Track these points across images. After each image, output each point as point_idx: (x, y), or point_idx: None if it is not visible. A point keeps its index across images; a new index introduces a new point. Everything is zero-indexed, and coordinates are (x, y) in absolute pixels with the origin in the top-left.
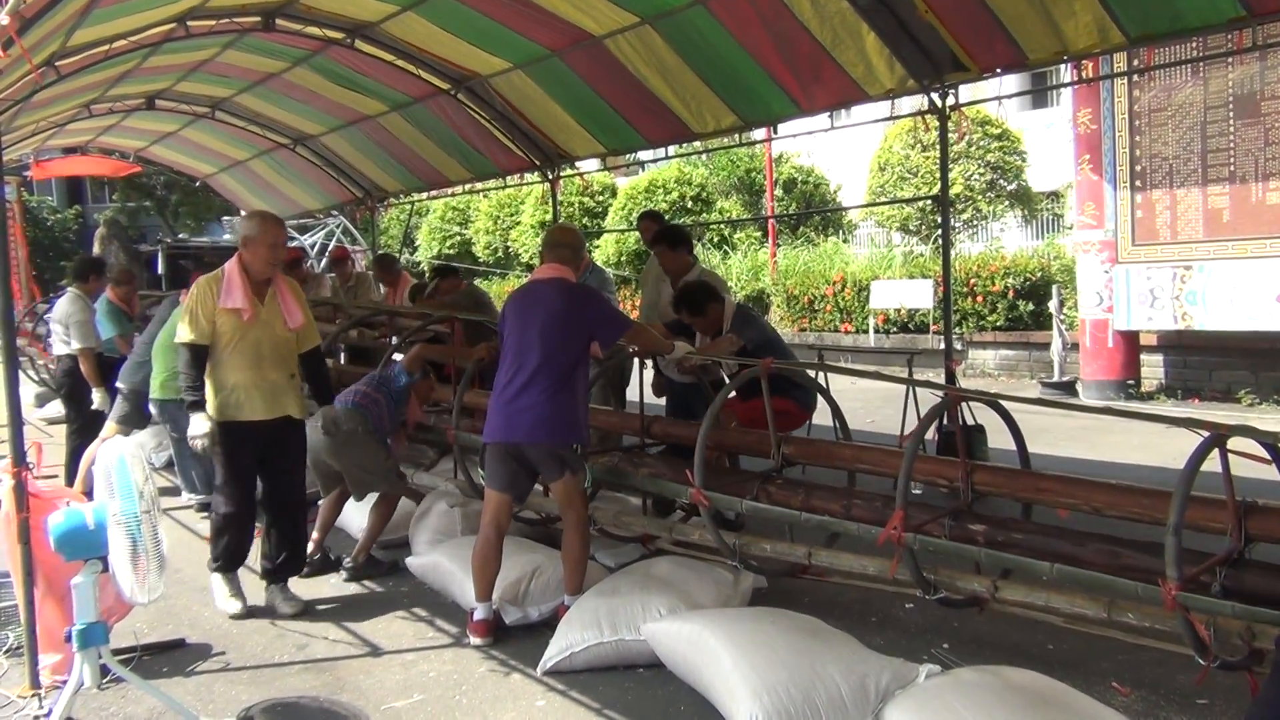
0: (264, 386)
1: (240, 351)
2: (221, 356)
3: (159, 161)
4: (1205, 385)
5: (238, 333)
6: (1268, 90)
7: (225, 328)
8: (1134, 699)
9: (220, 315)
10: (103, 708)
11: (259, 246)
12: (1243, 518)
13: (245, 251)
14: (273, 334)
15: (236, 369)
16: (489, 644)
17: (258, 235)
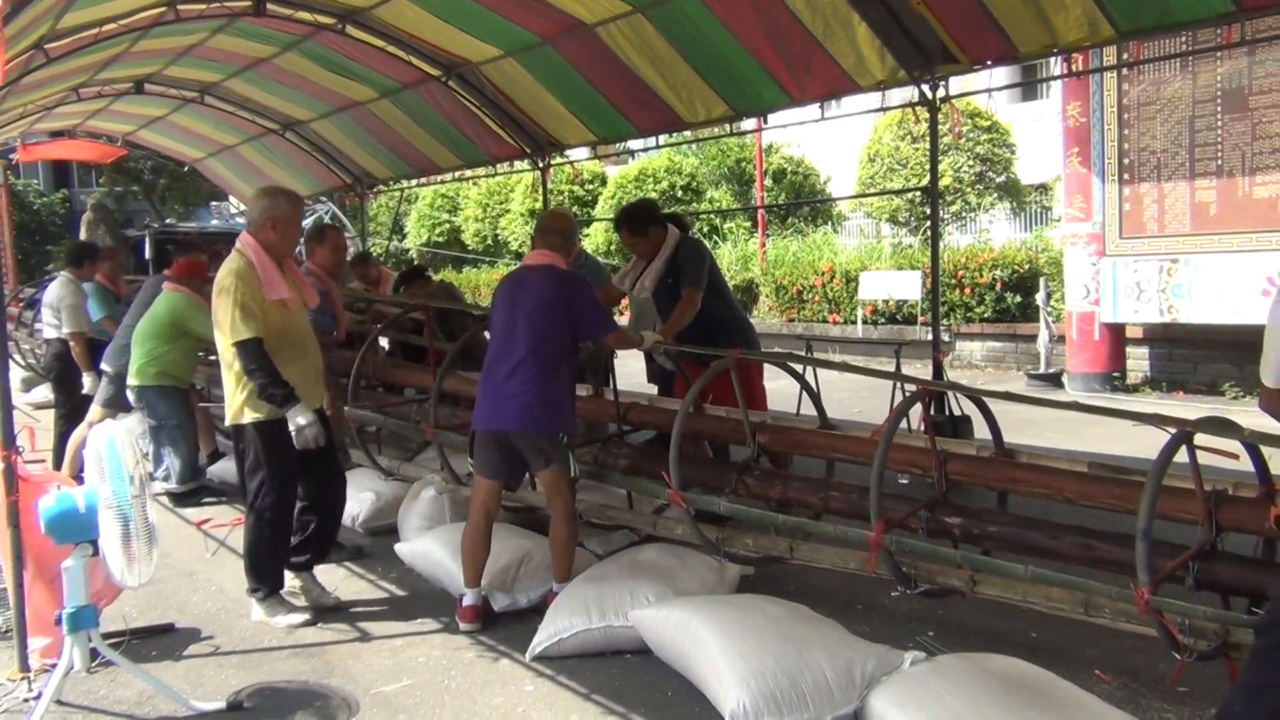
0: (310, 376)
1: (289, 342)
2: (272, 349)
3: (147, 146)
4: (1190, 378)
5: (283, 322)
6: (1255, 85)
7: (273, 320)
8: (1116, 686)
9: (265, 307)
10: (92, 691)
11: (290, 227)
12: (1213, 510)
13: (274, 233)
14: (303, 318)
15: (288, 362)
16: (478, 630)
17: (290, 216)
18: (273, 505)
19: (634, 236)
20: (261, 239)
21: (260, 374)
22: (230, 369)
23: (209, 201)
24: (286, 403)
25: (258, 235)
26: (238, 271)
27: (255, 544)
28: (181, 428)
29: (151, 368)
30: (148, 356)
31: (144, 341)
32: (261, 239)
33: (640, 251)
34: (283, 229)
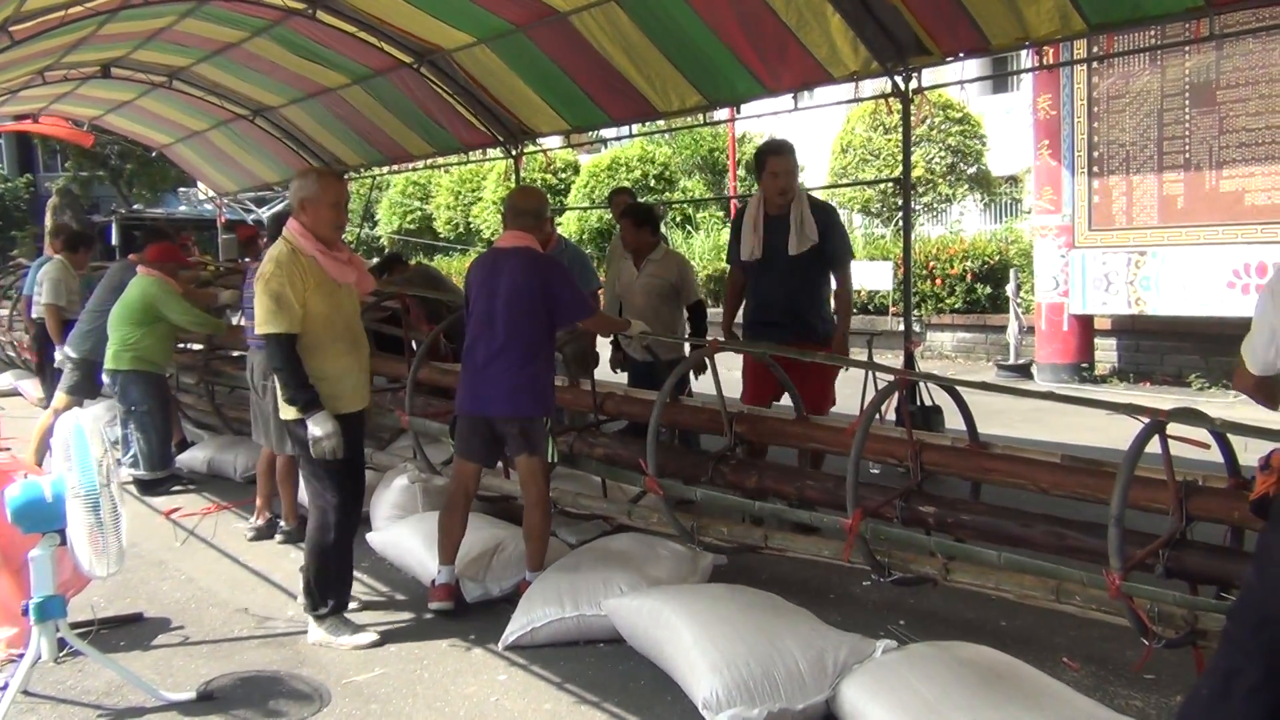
0: (359, 371)
1: (337, 334)
2: (318, 342)
3: (114, 131)
4: (1157, 369)
5: (330, 309)
6: (1223, 80)
7: (319, 309)
8: (1084, 674)
9: (311, 296)
10: (60, 681)
11: (322, 207)
12: (1184, 500)
13: (306, 215)
14: (354, 308)
15: (337, 355)
16: (449, 609)
17: (319, 195)
18: (336, 509)
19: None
20: (301, 222)
21: (285, 373)
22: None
23: (177, 188)
24: (309, 408)
25: (298, 218)
26: (277, 259)
27: (319, 553)
28: (152, 414)
29: (127, 353)
30: (122, 343)
31: (118, 327)
32: (301, 222)
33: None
34: (313, 210)
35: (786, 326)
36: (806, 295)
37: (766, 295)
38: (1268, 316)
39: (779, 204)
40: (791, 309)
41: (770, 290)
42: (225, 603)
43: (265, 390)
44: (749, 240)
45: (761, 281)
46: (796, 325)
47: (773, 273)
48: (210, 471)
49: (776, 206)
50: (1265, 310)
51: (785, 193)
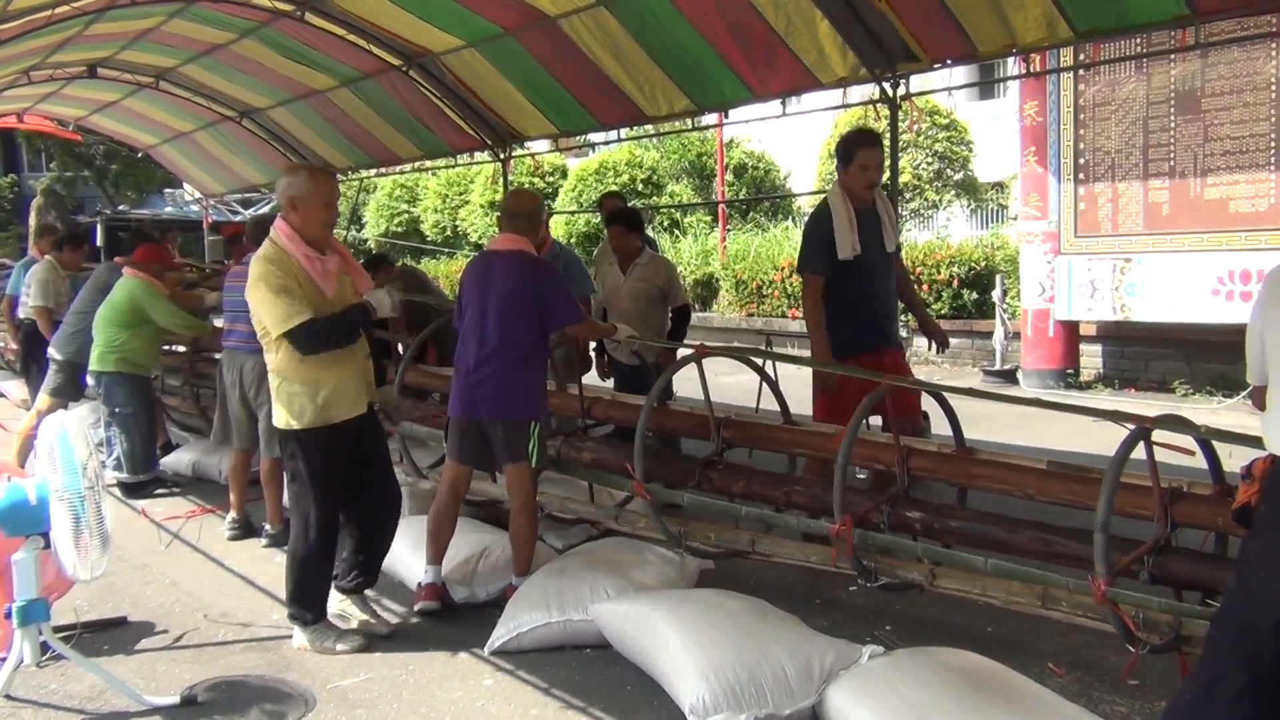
0: (357, 375)
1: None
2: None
3: (100, 131)
4: (1142, 375)
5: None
6: (1208, 88)
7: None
8: (1069, 679)
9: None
10: (42, 685)
11: (313, 207)
12: (1168, 506)
13: (296, 215)
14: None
15: (328, 363)
16: (436, 609)
17: (310, 194)
18: (317, 521)
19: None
20: (289, 221)
21: (332, 339)
22: (273, 369)
23: (163, 189)
24: (366, 319)
25: (286, 218)
26: (267, 256)
27: (300, 562)
28: (136, 416)
29: (113, 355)
30: (108, 344)
31: (104, 329)
32: (289, 221)
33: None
34: (304, 209)
35: (883, 330)
36: (892, 295)
37: (862, 297)
38: (1255, 328)
39: (866, 198)
40: (886, 310)
41: (867, 291)
42: (209, 606)
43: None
44: (846, 237)
45: (858, 283)
46: (889, 328)
47: (867, 272)
48: (195, 474)
49: (863, 201)
50: (1254, 321)
51: (874, 186)
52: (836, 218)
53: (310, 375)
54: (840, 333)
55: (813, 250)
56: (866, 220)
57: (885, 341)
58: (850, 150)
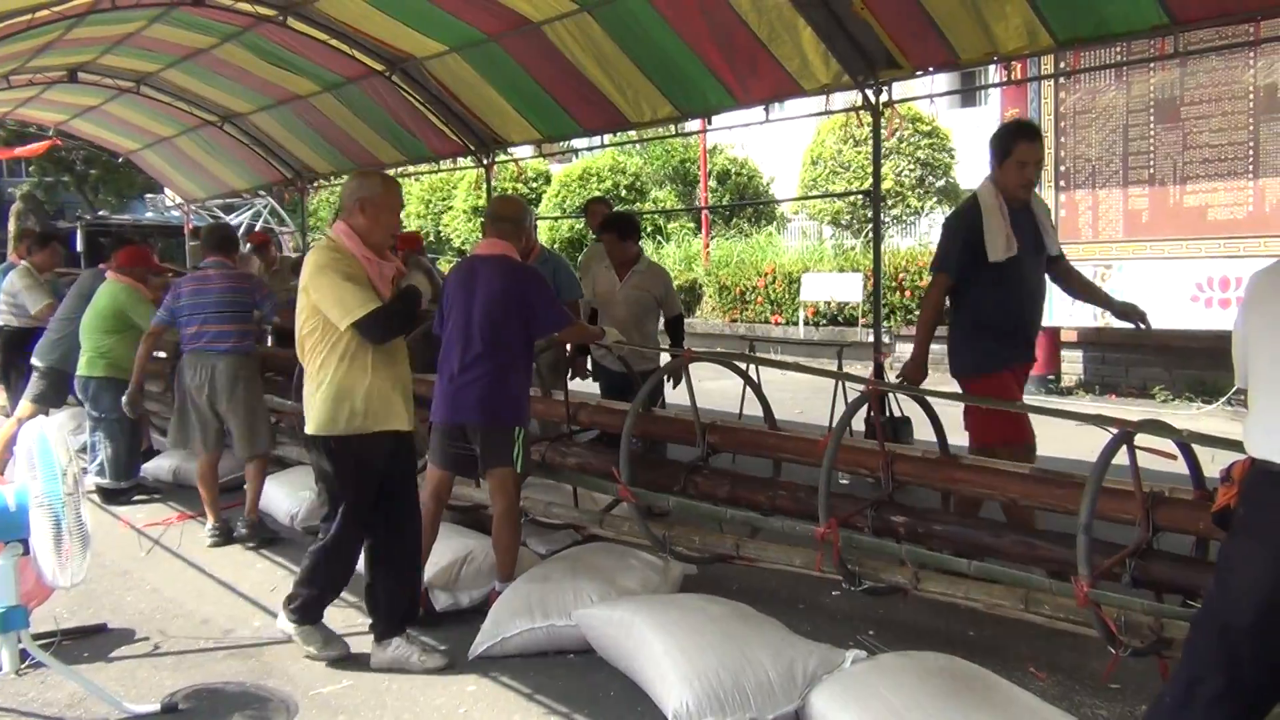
0: (399, 386)
1: (379, 346)
2: (352, 352)
3: (81, 136)
4: (1122, 381)
5: None
6: (1187, 96)
7: None
8: (1050, 683)
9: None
10: (21, 693)
11: (383, 211)
12: (1150, 510)
13: (363, 216)
14: None
15: (377, 368)
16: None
17: (382, 199)
18: (341, 527)
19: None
20: (353, 224)
21: (399, 325)
22: (313, 372)
23: (143, 194)
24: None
25: (348, 220)
26: (329, 248)
27: (316, 560)
28: (122, 422)
29: (101, 360)
30: (95, 350)
31: (89, 335)
32: (353, 224)
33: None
34: (374, 212)
35: (1029, 341)
36: (1041, 303)
37: (1013, 304)
38: (1238, 332)
39: (1023, 197)
40: (1036, 320)
41: (1019, 298)
42: (191, 613)
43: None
44: (1000, 237)
45: (1009, 289)
46: (1035, 339)
47: (1019, 278)
48: (176, 481)
49: (1018, 201)
50: (1237, 326)
51: (1031, 185)
52: (988, 216)
53: (350, 381)
54: (983, 345)
55: (952, 248)
56: (1021, 220)
57: (1029, 354)
58: (1007, 144)
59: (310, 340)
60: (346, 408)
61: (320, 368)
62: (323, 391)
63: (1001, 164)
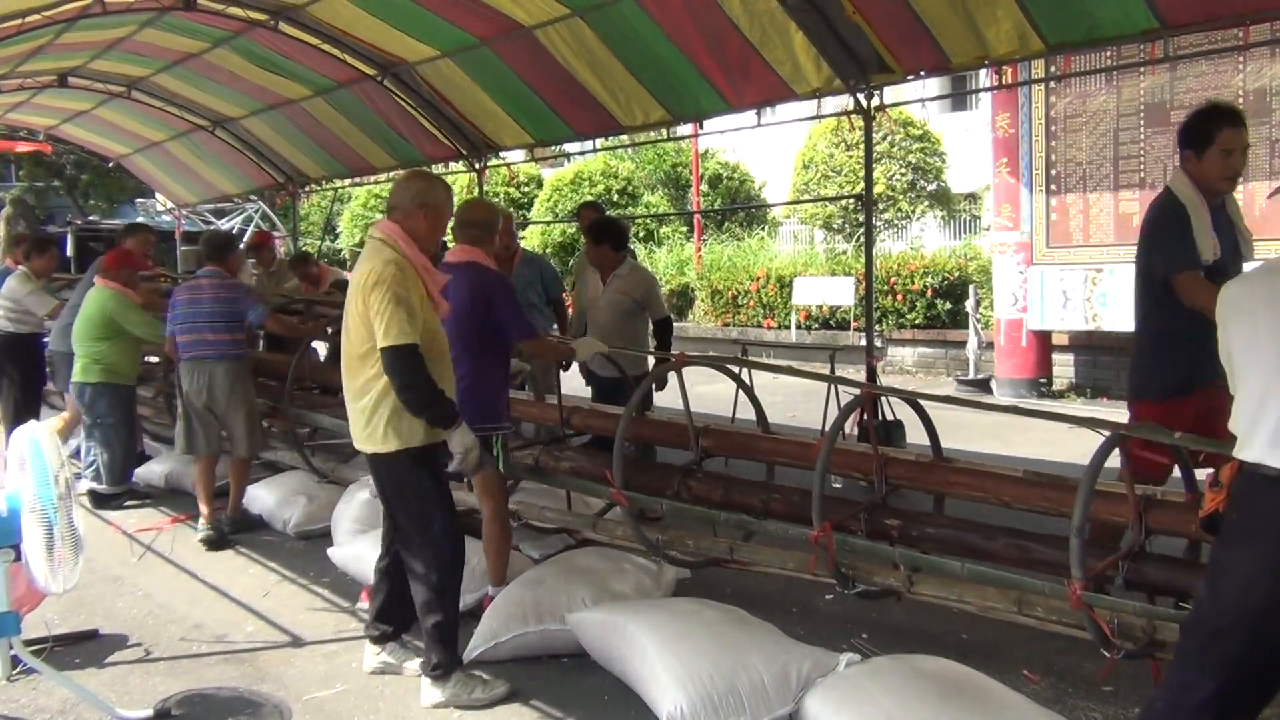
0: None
1: (434, 355)
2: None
3: (71, 141)
4: (1113, 384)
5: (434, 327)
6: (1177, 100)
7: (427, 323)
8: (1043, 686)
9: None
10: (13, 699)
11: (441, 218)
12: (1143, 513)
13: (424, 222)
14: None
15: (442, 378)
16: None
17: (443, 204)
18: (448, 535)
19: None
20: (409, 227)
21: (420, 387)
22: (367, 382)
23: (134, 199)
24: (452, 422)
25: (405, 223)
26: (397, 262)
27: (439, 594)
28: (117, 427)
29: (96, 366)
30: (89, 356)
31: (82, 342)
32: (409, 227)
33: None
34: (433, 219)
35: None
36: None
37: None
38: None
39: (1226, 190)
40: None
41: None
42: (184, 618)
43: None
44: (1206, 237)
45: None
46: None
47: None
48: (168, 486)
49: (1218, 194)
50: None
51: (1237, 177)
52: (1194, 213)
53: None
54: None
55: (1178, 242)
56: (1218, 221)
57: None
58: (1210, 130)
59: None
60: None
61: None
62: (385, 409)
63: (1202, 154)
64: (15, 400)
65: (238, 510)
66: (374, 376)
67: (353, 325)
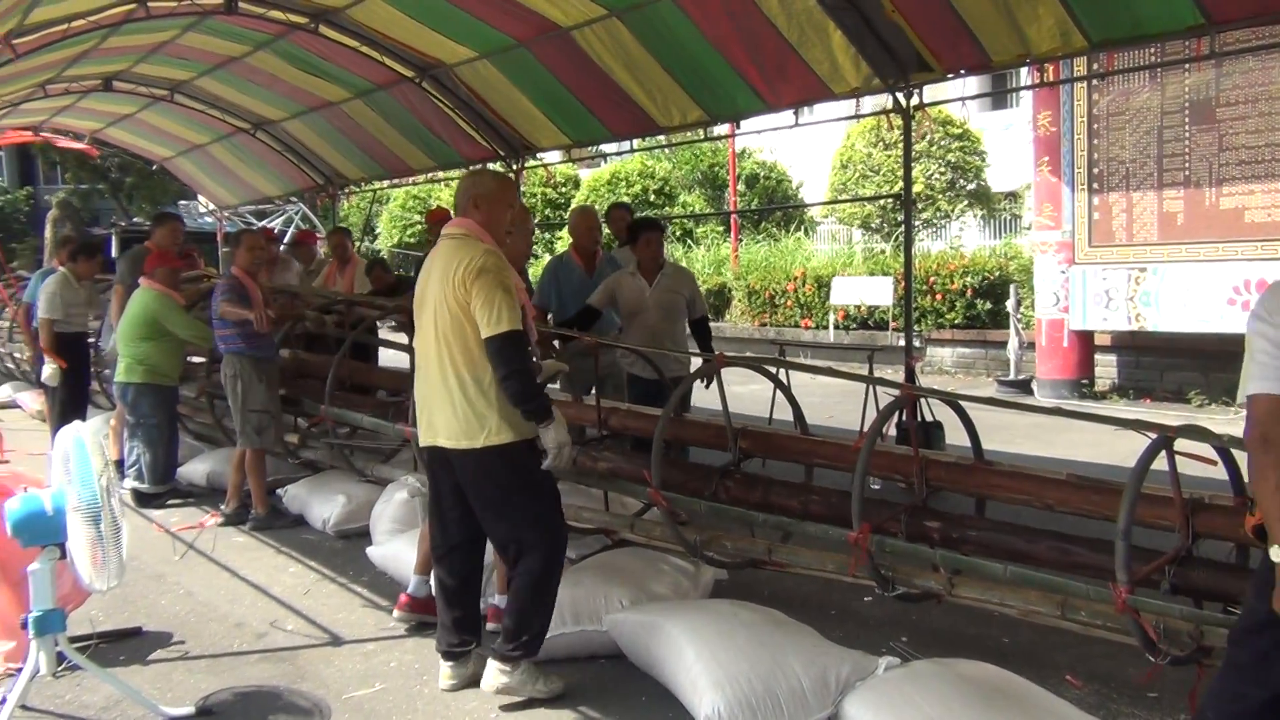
0: None
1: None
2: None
3: (115, 144)
4: (1157, 385)
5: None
6: (1223, 96)
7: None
8: (1087, 691)
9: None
10: (58, 695)
11: (497, 205)
12: (1190, 516)
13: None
14: None
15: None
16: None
17: (494, 192)
18: (563, 539)
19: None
20: (484, 223)
21: (524, 376)
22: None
23: (177, 200)
24: (548, 415)
25: (474, 217)
26: (495, 252)
27: (547, 591)
28: (160, 427)
29: (139, 367)
30: (132, 357)
31: (126, 342)
32: (484, 223)
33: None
34: (487, 207)
35: None
36: None
37: None
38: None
39: None
40: None
41: None
42: (224, 617)
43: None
44: None
45: None
46: None
47: None
48: (209, 485)
49: None
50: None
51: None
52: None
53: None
54: None
55: None
56: None
57: None
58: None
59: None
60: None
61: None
62: (500, 398)
63: None
64: (62, 400)
65: (263, 505)
66: (481, 369)
67: (446, 319)
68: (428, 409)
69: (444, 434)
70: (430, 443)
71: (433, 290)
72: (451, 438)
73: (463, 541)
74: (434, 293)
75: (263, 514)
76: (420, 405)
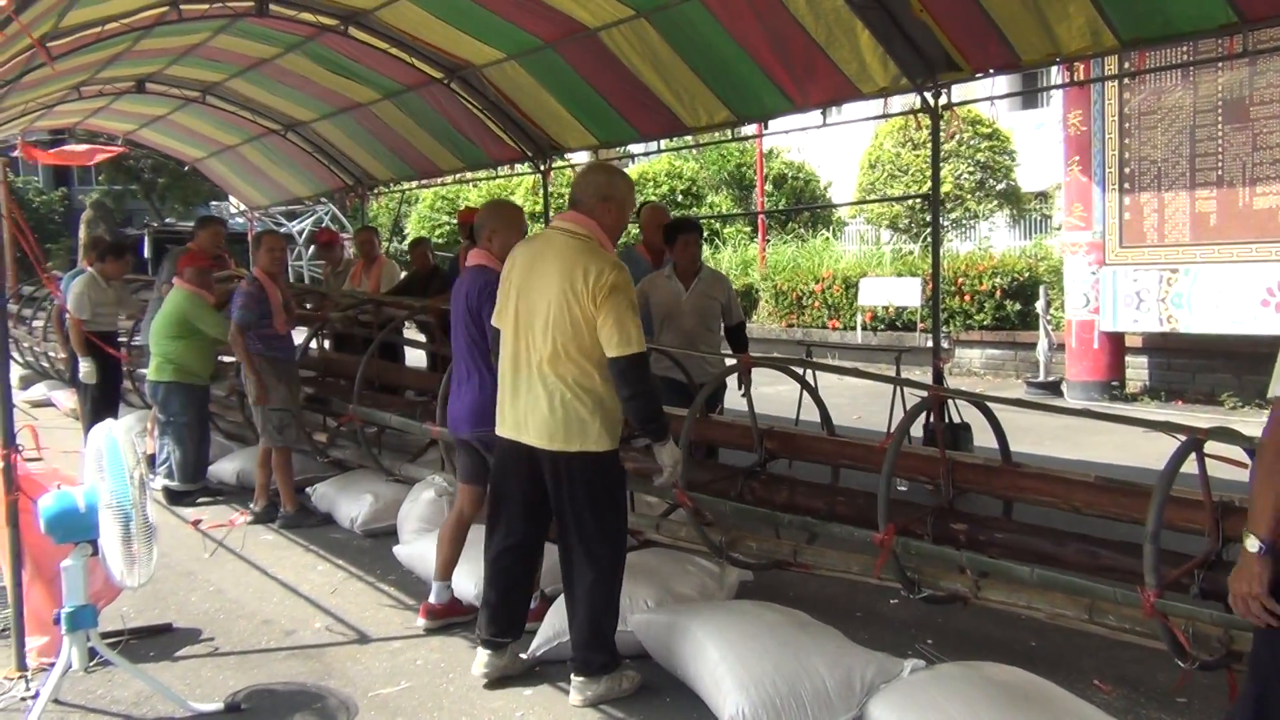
0: None
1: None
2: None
3: (148, 145)
4: (1189, 387)
5: None
6: (1256, 95)
7: None
8: (1115, 696)
9: None
10: (89, 690)
11: (625, 210)
12: (1220, 520)
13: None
14: None
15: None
16: (433, 628)
17: (627, 199)
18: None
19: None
20: (600, 221)
21: (649, 398)
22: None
23: (209, 201)
24: (667, 435)
25: (599, 218)
26: (622, 265)
27: (609, 601)
28: (191, 426)
29: (169, 365)
30: (164, 355)
31: (158, 341)
32: (600, 221)
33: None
34: (617, 211)
35: None
36: None
37: None
38: None
39: None
40: None
41: None
42: (253, 614)
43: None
44: None
45: None
46: None
47: None
48: (240, 483)
49: None
50: None
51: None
52: None
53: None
54: None
55: None
56: None
57: None
58: None
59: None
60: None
61: (595, 382)
62: (603, 408)
63: None
64: (94, 398)
65: (291, 504)
66: (589, 376)
67: (564, 322)
68: (515, 402)
69: (535, 432)
70: (513, 437)
71: (550, 285)
72: (545, 438)
73: (524, 539)
74: (552, 289)
75: (291, 512)
76: (504, 394)
